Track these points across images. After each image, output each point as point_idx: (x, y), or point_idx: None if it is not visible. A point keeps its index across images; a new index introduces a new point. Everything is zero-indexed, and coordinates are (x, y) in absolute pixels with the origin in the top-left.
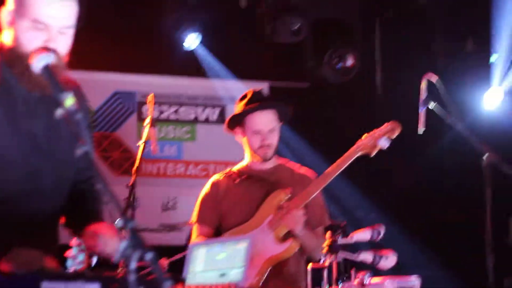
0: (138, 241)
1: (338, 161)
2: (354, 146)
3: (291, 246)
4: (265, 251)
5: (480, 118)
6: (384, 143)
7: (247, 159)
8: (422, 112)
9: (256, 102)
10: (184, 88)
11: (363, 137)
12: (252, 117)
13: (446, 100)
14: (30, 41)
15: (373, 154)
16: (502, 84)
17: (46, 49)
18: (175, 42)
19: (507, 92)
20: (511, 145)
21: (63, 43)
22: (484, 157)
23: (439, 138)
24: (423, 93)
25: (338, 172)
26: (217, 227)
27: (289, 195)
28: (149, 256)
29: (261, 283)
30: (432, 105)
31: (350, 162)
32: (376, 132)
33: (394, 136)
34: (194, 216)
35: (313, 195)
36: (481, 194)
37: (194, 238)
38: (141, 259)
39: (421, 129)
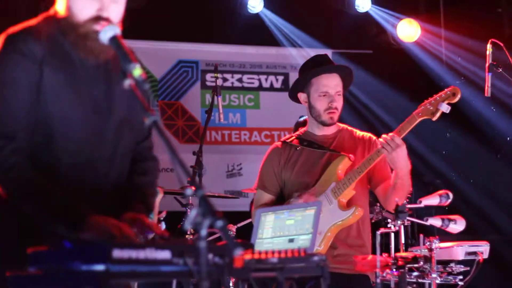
0: (209, 209)
1: (401, 125)
2: (416, 111)
3: (355, 212)
4: (329, 218)
5: None
6: (445, 108)
7: (309, 126)
8: (488, 76)
9: (325, 65)
10: (248, 56)
11: (425, 102)
12: (319, 80)
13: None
14: (82, 10)
15: (436, 118)
16: None
17: (108, 20)
18: (239, 8)
19: None
20: None
21: (116, 12)
22: None
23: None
24: (489, 58)
25: (402, 136)
26: (279, 193)
27: (352, 161)
28: (219, 223)
29: (327, 250)
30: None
31: (413, 126)
32: (437, 97)
33: (455, 101)
34: (257, 182)
35: (376, 161)
36: None
37: (257, 204)
38: (211, 226)
39: (487, 93)
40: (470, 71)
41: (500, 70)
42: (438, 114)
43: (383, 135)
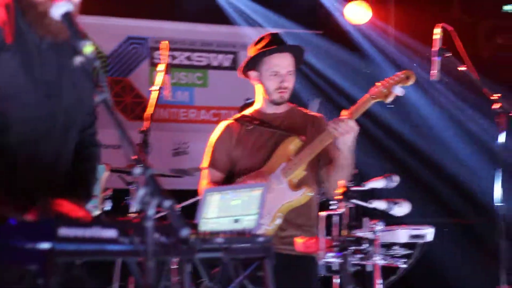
0: (156, 188)
1: (354, 107)
2: (369, 93)
3: (305, 192)
4: (279, 198)
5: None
6: (399, 91)
7: (259, 104)
8: (437, 60)
9: (275, 45)
10: (197, 34)
11: (377, 84)
12: (270, 59)
13: (461, 50)
14: None
15: (389, 101)
16: None
17: None
18: None
19: None
20: None
21: None
22: (496, 106)
23: (451, 88)
24: (437, 42)
25: (355, 118)
26: (228, 172)
27: (303, 142)
28: (167, 203)
29: (275, 230)
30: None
31: (366, 108)
32: (390, 79)
33: (409, 84)
34: (205, 160)
35: (328, 142)
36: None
37: (205, 182)
38: (159, 205)
39: (434, 77)
40: (420, 54)
41: (449, 54)
42: (391, 97)
43: (335, 119)
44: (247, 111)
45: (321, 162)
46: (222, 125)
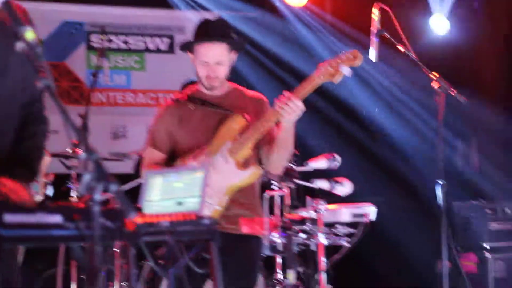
0: (102, 173)
1: (301, 86)
2: (316, 73)
3: (255, 171)
4: (228, 178)
5: (428, 45)
6: (347, 71)
7: (200, 85)
8: (375, 41)
9: (206, 34)
10: (134, 18)
11: (324, 64)
12: (200, 48)
13: (397, 29)
14: None
15: (337, 81)
16: (442, 10)
17: None
18: None
19: (449, 16)
20: (458, 70)
21: None
22: (433, 83)
23: (392, 67)
24: (375, 23)
25: (302, 98)
26: (170, 152)
27: (248, 120)
28: (113, 187)
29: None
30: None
31: (314, 88)
32: (338, 59)
33: (356, 64)
34: (147, 140)
35: (274, 121)
36: (434, 120)
37: (146, 162)
38: (105, 190)
39: (373, 58)
40: (355, 38)
41: (387, 35)
42: (338, 77)
43: (282, 97)
44: (188, 91)
45: (261, 141)
46: (164, 106)
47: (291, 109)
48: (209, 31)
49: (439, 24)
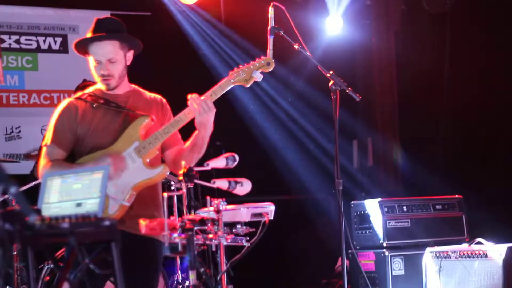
0: (1, 174)
1: (212, 89)
2: (228, 77)
3: (163, 171)
4: (134, 175)
5: (323, 43)
6: (258, 76)
7: (99, 85)
8: (270, 39)
9: (98, 32)
10: (25, 17)
11: (237, 69)
12: (91, 47)
13: (292, 28)
14: None
15: (248, 85)
16: (338, 10)
17: None
18: None
19: (344, 16)
20: (351, 68)
21: None
22: (330, 83)
23: (287, 63)
24: (270, 21)
25: (213, 100)
26: (71, 150)
27: (153, 122)
28: (13, 189)
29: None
30: (280, 32)
31: (224, 91)
32: (251, 65)
33: (269, 70)
34: (48, 138)
35: (185, 122)
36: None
37: (46, 161)
38: (4, 192)
39: (269, 55)
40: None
41: (282, 33)
42: (251, 82)
43: (192, 96)
44: (89, 90)
45: (166, 144)
46: (64, 103)
47: (202, 108)
48: (98, 29)
49: (334, 24)
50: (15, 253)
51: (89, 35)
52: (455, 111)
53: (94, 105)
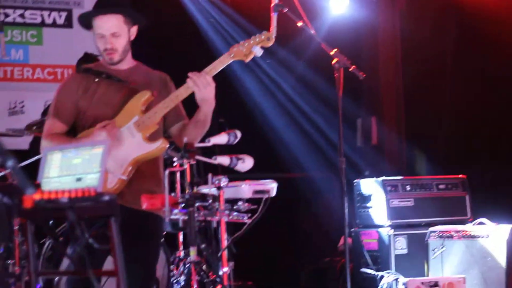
0: None
1: (213, 64)
2: (228, 52)
3: (162, 145)
4: (133, 150)
5: (328, 21)
6: (258, 51)
7: (102, 59)
8: (273, 16)
9: (100, 6)
10: None
11: (238, 44)
12: (95, 21)
13: (296, 5)
14: None
15: (248, 60)
16: None
17: None
18: None
19: None
20: (356, 47)
21: None
22: (334, 61)
23: (291, 42)
24: None
25: (213, 75)
26: (72, 123)
27: (154, 97)
28: (10, 162)
29: (125, 184)
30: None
31: (224, 66)
32: (251, 40)
33: (269, 45)
34: (50, 109)
35: (184, 96)
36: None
37: (47, 133)
38: (1, 165)
39: (273, 33)
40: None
41: (286, 10)
42: (250, 57)
43: (191, 73)
44: (92, 65)
45: (168, 119)
46: (69, 77)
47: (202, 83)
48: (103, 3)
49: (340, 2)
50: (17, 227)
51: (91, 9)
52: (460, 87)
53: (96, 79)
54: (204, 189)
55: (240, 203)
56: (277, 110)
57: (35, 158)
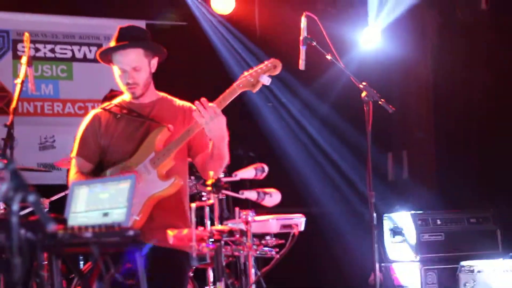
0: (20, 182)
1: (222, 96)
2: (236, 83)
3: (175, 182)
4: (148, 188)
5: (358, 56)
6: (266, 80)
7: (125, 94)
8: (302, 49)
9: (121, 41)
10: (60, 26)
11: (244, 74)
12: (115, 56)
13: (325, 38)
14: None
15: (256, 90)
16: (378, 23)
17: None
18: None
19: (383, 31)
20: (386, 81)
21: None
22: (363, 94)
23: (321, 75)
24: (303, 31)
25: (223, 107)
26: (98, 162)
27: (171, 131)
28: (31, 197)
29: (145, 221)
30: (312, 43)
31: (233, 97)
32: (258, 69)
33: (276, 73)
34: (74, 150)
35: (196, 132)
36: (363, 129)
37: (73, 173)
38: (23, 200)
39: (302, 66)
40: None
41: (315, 44)
42: (258, 86)
43: (198, 103)
44: (116, 101)
45: (192, 151)
46: (90, 114)
47: (208, 116)
48: (122, 37)
49: (372, 37)
50: (46, 262)
51: (112, 44)
52: (492, 124)
53: (118, 116)
54: (232, 224)
55: (268, 237)
56: (304, 145)
57: (64, 193)
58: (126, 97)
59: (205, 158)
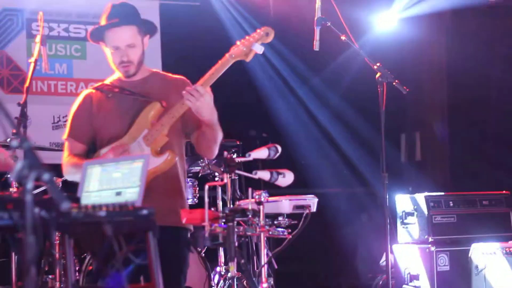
0: (35, 161)
1: (215, 67)
2: (229, 52)
3: (168, 158)
4: None
5: (372, 38)
6: (259, 48)
7: (116, 73)
8: (317, 30)
9: (113, 18)
10: (74, 5)
11: (237, 43)
12: (109, 33)
13: (340, 19)
14: None
15: (249, 59)
16: (397, 8)
17: None
18: None
19: (401, 15)
20: (400, 63)
21: None
22: (377, 75)
23: (335, 56)
24: (317, 12)
25: (214, 80)
26: (90, 143)
27: (164, 107)
28: (46, 176)
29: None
30: (327, 23)
31: (226, 68)
32: (250, 38)
33: (268, 41)
34: (65, 132)
35: (187, 107)
36: (376, 111)
37: (66, 155)
38: (37, 179)
39: (316, 47)
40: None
41: (329, 24)
42: (251, 55)
43: (189, 88)
44: (108, 80)
45: (187, 129)
46: (81, 95)
47: (195, 97)
48: (113, 15)
49: (388, 20)
50: (58, 241)
51: (103, 22)
52: (506, 106)
53: (110, 95)
54: (244, 204)
55: (280, 218)
56: (319, 125)
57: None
58: (117, 75)
59: (199, 136)
